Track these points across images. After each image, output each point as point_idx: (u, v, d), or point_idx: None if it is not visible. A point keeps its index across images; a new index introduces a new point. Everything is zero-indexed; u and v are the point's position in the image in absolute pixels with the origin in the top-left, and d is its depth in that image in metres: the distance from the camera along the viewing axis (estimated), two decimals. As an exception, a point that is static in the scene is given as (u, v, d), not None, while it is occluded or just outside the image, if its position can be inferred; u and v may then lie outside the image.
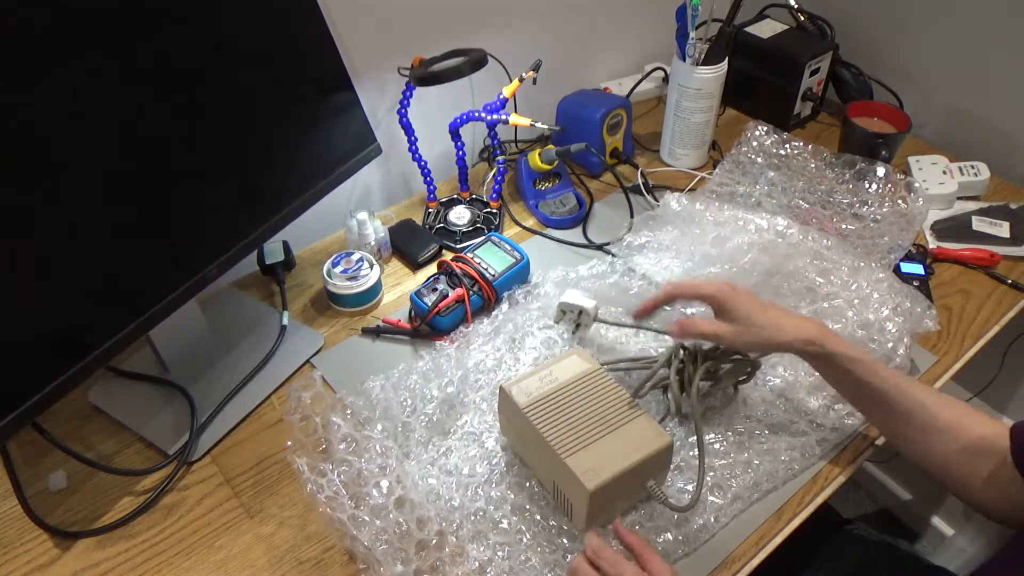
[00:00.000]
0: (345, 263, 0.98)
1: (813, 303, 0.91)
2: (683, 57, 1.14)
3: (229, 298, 1.01)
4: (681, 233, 1.01)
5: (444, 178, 1.22)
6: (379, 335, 0.96)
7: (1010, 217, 1.10)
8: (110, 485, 0.80)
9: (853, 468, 0.81)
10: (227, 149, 0.82)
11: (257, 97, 0.84)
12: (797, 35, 1.34)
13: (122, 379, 0.90)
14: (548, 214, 1.13)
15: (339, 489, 0.75)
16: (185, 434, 0.83)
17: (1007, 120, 1.22)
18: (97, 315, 0.73)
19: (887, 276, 0.92)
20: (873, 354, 0.86)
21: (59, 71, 0.64)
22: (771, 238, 0.94)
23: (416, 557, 0.71)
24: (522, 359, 0.89)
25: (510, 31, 1.20)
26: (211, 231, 0.83)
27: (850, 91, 1.34)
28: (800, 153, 1.17)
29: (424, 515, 0.74)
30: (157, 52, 0.72)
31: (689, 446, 0.80)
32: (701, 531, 0.74)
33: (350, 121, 0.96)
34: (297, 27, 0.87)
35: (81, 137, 0.67)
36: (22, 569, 0.73)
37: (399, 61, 1.03)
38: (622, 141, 1.21)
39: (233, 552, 0.75)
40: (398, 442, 0.81)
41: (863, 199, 1.10)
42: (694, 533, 0.73)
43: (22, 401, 0.67)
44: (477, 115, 1.06)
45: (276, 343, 0.93)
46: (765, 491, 0.78)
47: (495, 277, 0.96)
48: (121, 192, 0.72)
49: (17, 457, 0.82)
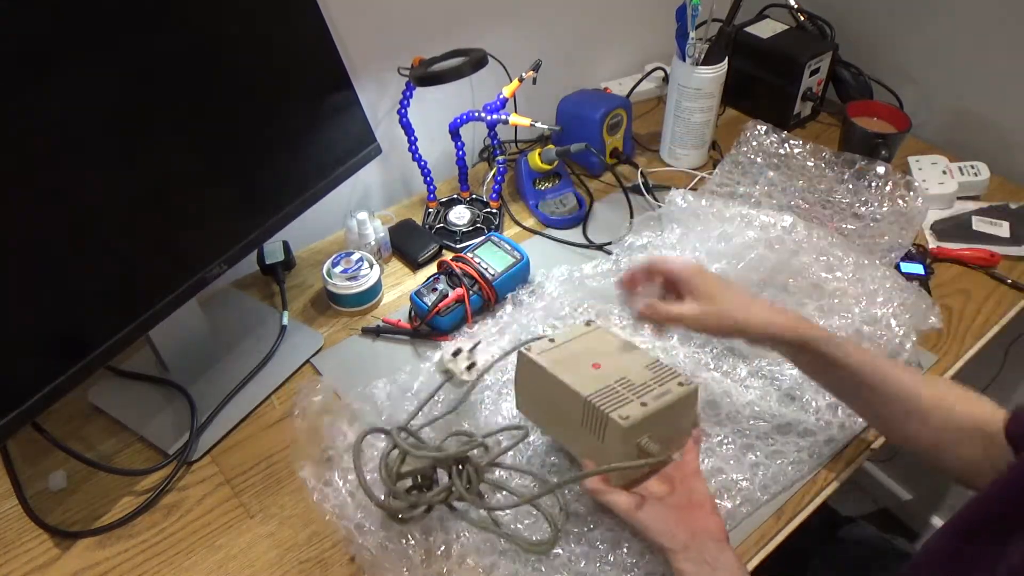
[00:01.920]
0: (345, 263, 0.98)
1: (820, 299, 0.91)
2: (683, 57, 1.14)
3: (229, 298, 1.01)
4: (686, 230, 1.01)
5: (444, 178, 1.22)
6: (379, 335, 0.96)
7: (1010, 217, 1.09)
8: (110, 485, 0.80)
9: (853, 468, 0.81)
10: (227, 149, 0.82)
11: (257, 97, 0.84)
12: (797, 35, 1.34)
13: (122, 379, 0.90)
14: (548, 214, 1.13)
15: (345, 499, 0.75)
16: (185, 434, 0.83)
17: (1007, 120, 1.22)
18: (97, 315, 0.73)
19: (891, 273, 0.92)
20: (881, 350, 0.86)
21: (59, 71, 0.64)
22: (777, 234, 0.94)
23: (422, 565, 0.71)
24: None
25: (510, 31, 1.20)
26: (211, 231, 0.83)
27: (850, 91, 1.34)
28: (800, 153, 1.17)
29: (429, 524, 0.74)
30: (157, 52, 0.72)
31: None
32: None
33: (350, 121, 0.96)
34: (297, 27, 0.87)
35: (81, 137, 0.67)
36: (22, 569, 0.73)
37: (399, 61, 1.03)
38: (622, 141, 1.21)
39: (233, 552, 0.75)
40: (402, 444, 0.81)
41: (863, 199, 1.10)
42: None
43: (22, 401, 0.67)
44: (477, 115, 1.06)
45: (276, 343, 0.93)
46: (774, 493, 0.78)
47: (495, 277, 0.96)
48: (121, 192, 0.72)
49: (17, 457, 0.82)
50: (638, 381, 0.71)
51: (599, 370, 0.72)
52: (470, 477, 0.73)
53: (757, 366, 0.88)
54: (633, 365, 0.73)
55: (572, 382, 0.70)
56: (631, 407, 0.67)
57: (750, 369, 0.89)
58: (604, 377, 0.71)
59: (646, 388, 0.70)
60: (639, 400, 0.68)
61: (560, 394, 0.71)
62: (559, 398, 0.71)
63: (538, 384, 0.74)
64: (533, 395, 0.76)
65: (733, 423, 0.83)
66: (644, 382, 0.71)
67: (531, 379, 0.75)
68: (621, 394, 0.69)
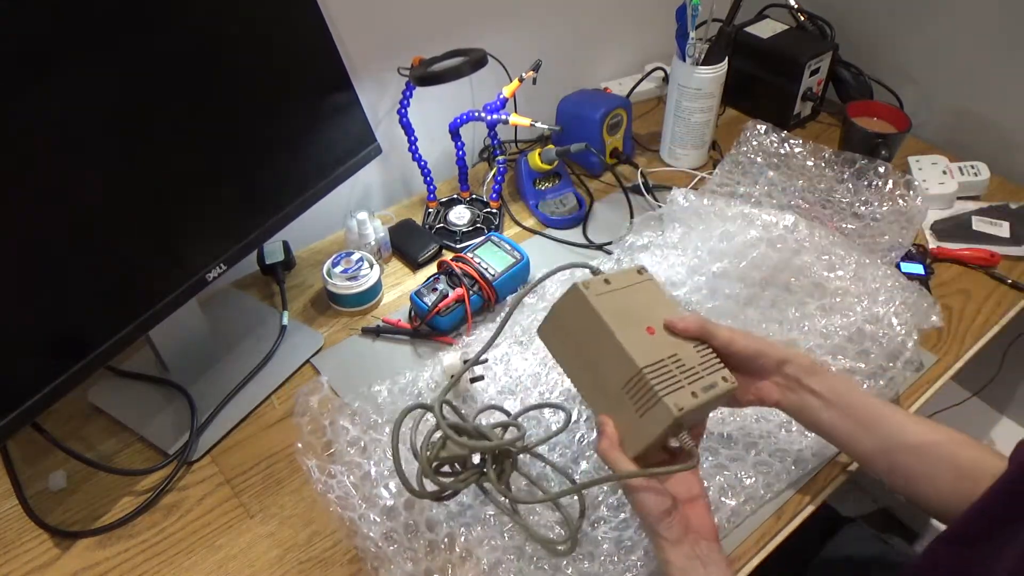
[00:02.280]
0: (345, 263, 0.98)
1: (822, 298, 0.91)
2: (683, 57, 1.14)
3: (229, 298, 1.01)
4: (687, 229, 1.01)
5: (444, 178, 1.22)
6: (379, 335, 0.96)
7: (1010, 217, 1.09)
8: (110, 485, 0.80)
9: (853, 468, 0.81)
10: (227, 149, 0.82)
11: (257, 97, 0.84)
12: (797, 35, 1.34)
13: (122, 379, 0.90)
14: (548, 214, 1.13)
15: (349, 490, 0.75)
16: (185, 434, 0.83)
17: (1007, 120, 1.22)
18: (97, 315, 0.73)
19: (893, 272, 0.92)
20: (883, 348, 0.86)
21: (59, 71, 0.64)
22: (779, 233, 0.94)
23: (426, 557, 0.71)
24: (530, 360, 0.89)
25: (510, 31, 1.20)
26: (211, 231, 0.83)
27: (850, 91, 1.34)
28: (800, 152, 1.17)
29: (433, 518, 0.74)
30: (157, 52, 0.72)
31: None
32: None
33: (350, 121, 0.96)
34: (297, 27, 0.87)
35: (81, 137, 0.67)
36: (22, 569, 0.73)
37: (399, 61, 1.03)
38: (622, 141, 1.21)
39: (233, 552, 0.75)
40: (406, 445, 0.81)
41: (863, 198, 1.10)
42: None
43: (22, 401, 0.67)
44: (477, 115, 1.06)
45: (276, 343, 0.93)
46: (777, 491, 0.78)
47: (495, 277, 0.96)
48: (121, 192, 0.72)
49: (17, 457, 0.82)
50: (688, 364, 0.66)
51: (653, 337, 0.67)
52: (503, 466, 0.72)
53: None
54: (684, 342, 0.69)
55: (629, 345, 0.64)
56: (683, 395, 0.63)
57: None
58: (659, 348, 0.66)
59: (695, 375, 0.66)
60: (690, 388, 0.64)
61: (608, 349, 0.65)
62: (604, 352, 0.65)
63: (583, 326, 0.67)
64: (570, 333, 0.69)
65: (738, 420, 0.83)
66: (693, 367, 0.66)
67: (576, 318, 0.67)
68: (674, 375, 0.64)
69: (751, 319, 0.91)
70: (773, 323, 0.91)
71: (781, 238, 0.93)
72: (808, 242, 0.93)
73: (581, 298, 0.66)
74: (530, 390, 0.86)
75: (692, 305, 0.94)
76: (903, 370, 0.86)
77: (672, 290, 0.95)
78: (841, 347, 0.87)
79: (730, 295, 0.93)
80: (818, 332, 0.88)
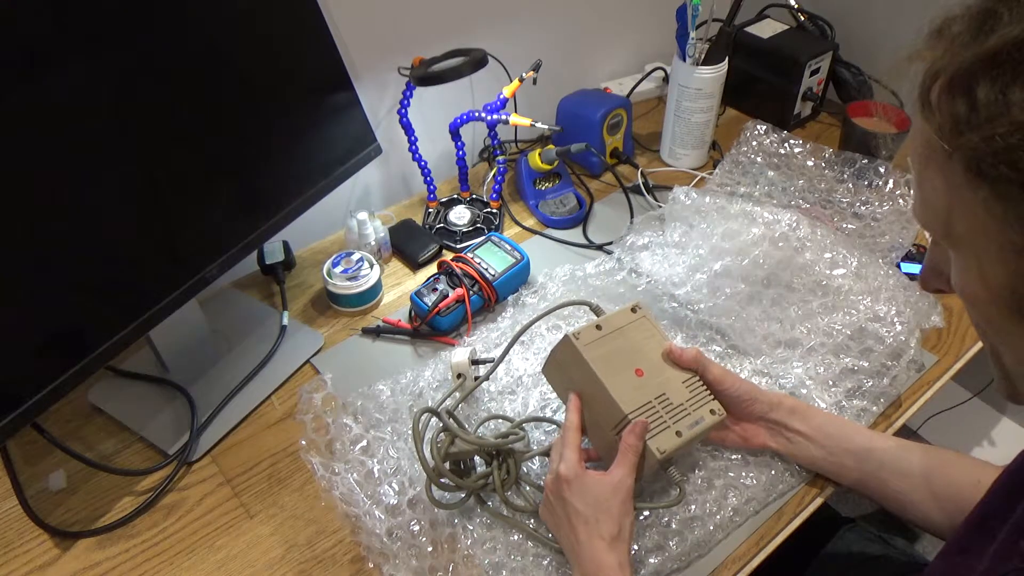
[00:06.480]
0: (345, 263, 0.98)
1: (824, 296, 0.91)
2: (683, 57, 1.14)
3: (229, 298, 1.01)
4: (689, 228, 1.01)
5: (444, 178, 1.22)
6: (379, 335, 0.96)
7: (1010, 217, 1.09)
8: (110, 485, 0.80)
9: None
10: (227, 149, 0.82)
11: (257, 97, 0.84)
12: (797, 35, 1.34)
13: (122, 379, 0.90)
14: (548, 214, 1.13)
15: (352, 487, 0.76)
16: (185, 434, 0.83)
17: (1007, 120, 1.22)
18: (97, 315, 0.73)
19: (894, 271, 0.92)
20: (886, 346, 0.86)
21: (59, 71, 0.64)
22: (782, 231, 0.94)
23: (431, 555, 0.71)
24: (530, 360, 0.89)
25: (510, 31, 1.20)
26: (211, 231, 0.83)
27: (850, 91, 1.34)
28: (800, 152, 1.17)
29: (437, 516, 0.74)
30: (157, 52, 0.72)
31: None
32: (717, 531, 0.74)
33: (350, 121, 0.96)
34: (297, 27, 0.87)
35: (81, 137, 0.67)
36: (22, 569, 0.73)
37: (399, 61, 1.03)
38: (622, 141, 1.21)
39: (233, 552, 0.75)
40: (409, 445, 0.81)
41: (863, 198, 1.10)
42: (710, 533, 0.73)
43: (22, 401, 0.67)
44: (477, 115, 1.06)
45: (276, 343, 0.93)
46: (781, 492, 0.78)
47: (495, 277, 0.96)
48: (121, 192, 0.72)
49: (17, 457, 0.82)
50: (676, 401, 0.73)
51: (641, 379, 0.73)
52: (509, 468, 0.74)
53: (761, 364, 0.89)
54: (673, 378, 0.75)
55: (615, 392, 0.70)
56: (667, 436, 0.70)
57: (754, 367, 0.89)
58: (646, 391, 0.72)
59: (682, 412, 0.73)
60: (675, 427, 0.71)
61: (598, 394, 0.71)
62: (596, 396, 0.71)
63: (576, 371, 0.72)
64: (567, 375, 0.74)
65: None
66: (681, 403, 0.73)
67: (570, 364, 0.73)
68: (660, 416, 0.71)
69: (753, 317, 0.91)
70: (775, 321, 0.90)
71: (784, 236, 0.93)
72: (810, 240, 0.93)
73: (572, 348, 0.72)
74: (531, 390, 0.86)
75: (693, 304, 0.94)
76: (906, 369, 0.86)
77: (673, 290, 0.95)
78: (844, 345, 0.87)
79: (731, 293, 0.92)
80: (821, 330, 0.88)
